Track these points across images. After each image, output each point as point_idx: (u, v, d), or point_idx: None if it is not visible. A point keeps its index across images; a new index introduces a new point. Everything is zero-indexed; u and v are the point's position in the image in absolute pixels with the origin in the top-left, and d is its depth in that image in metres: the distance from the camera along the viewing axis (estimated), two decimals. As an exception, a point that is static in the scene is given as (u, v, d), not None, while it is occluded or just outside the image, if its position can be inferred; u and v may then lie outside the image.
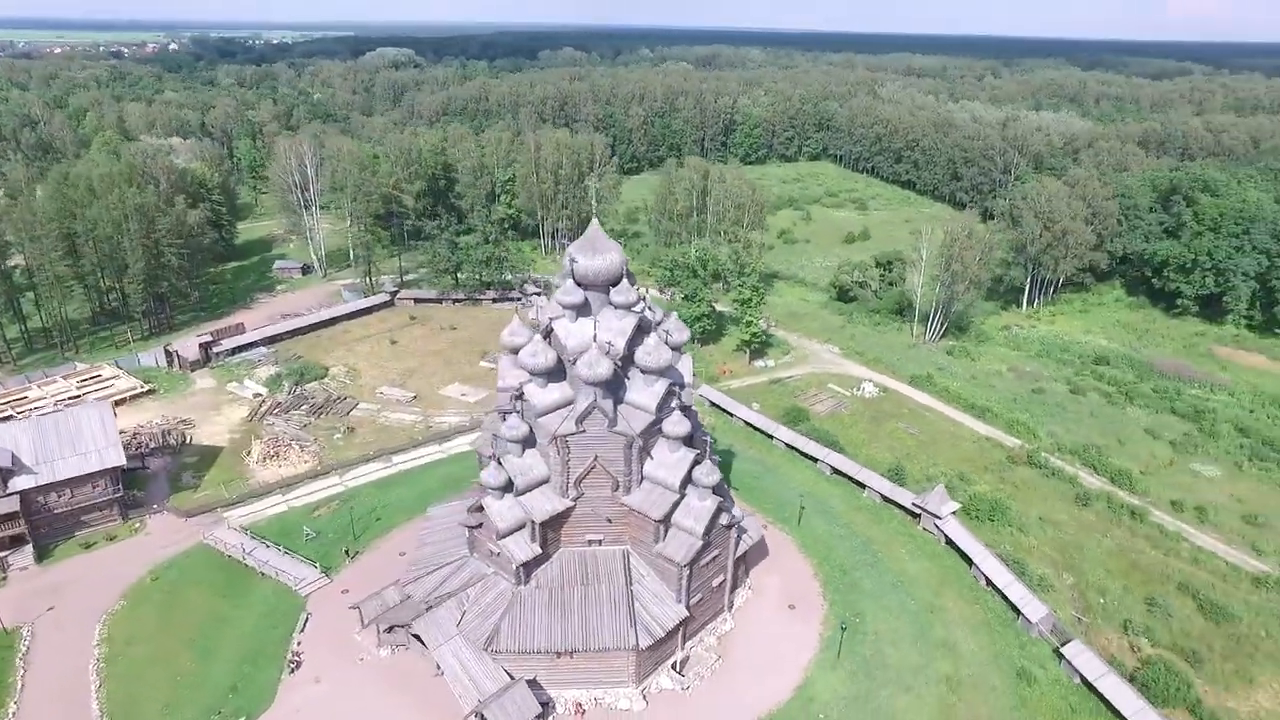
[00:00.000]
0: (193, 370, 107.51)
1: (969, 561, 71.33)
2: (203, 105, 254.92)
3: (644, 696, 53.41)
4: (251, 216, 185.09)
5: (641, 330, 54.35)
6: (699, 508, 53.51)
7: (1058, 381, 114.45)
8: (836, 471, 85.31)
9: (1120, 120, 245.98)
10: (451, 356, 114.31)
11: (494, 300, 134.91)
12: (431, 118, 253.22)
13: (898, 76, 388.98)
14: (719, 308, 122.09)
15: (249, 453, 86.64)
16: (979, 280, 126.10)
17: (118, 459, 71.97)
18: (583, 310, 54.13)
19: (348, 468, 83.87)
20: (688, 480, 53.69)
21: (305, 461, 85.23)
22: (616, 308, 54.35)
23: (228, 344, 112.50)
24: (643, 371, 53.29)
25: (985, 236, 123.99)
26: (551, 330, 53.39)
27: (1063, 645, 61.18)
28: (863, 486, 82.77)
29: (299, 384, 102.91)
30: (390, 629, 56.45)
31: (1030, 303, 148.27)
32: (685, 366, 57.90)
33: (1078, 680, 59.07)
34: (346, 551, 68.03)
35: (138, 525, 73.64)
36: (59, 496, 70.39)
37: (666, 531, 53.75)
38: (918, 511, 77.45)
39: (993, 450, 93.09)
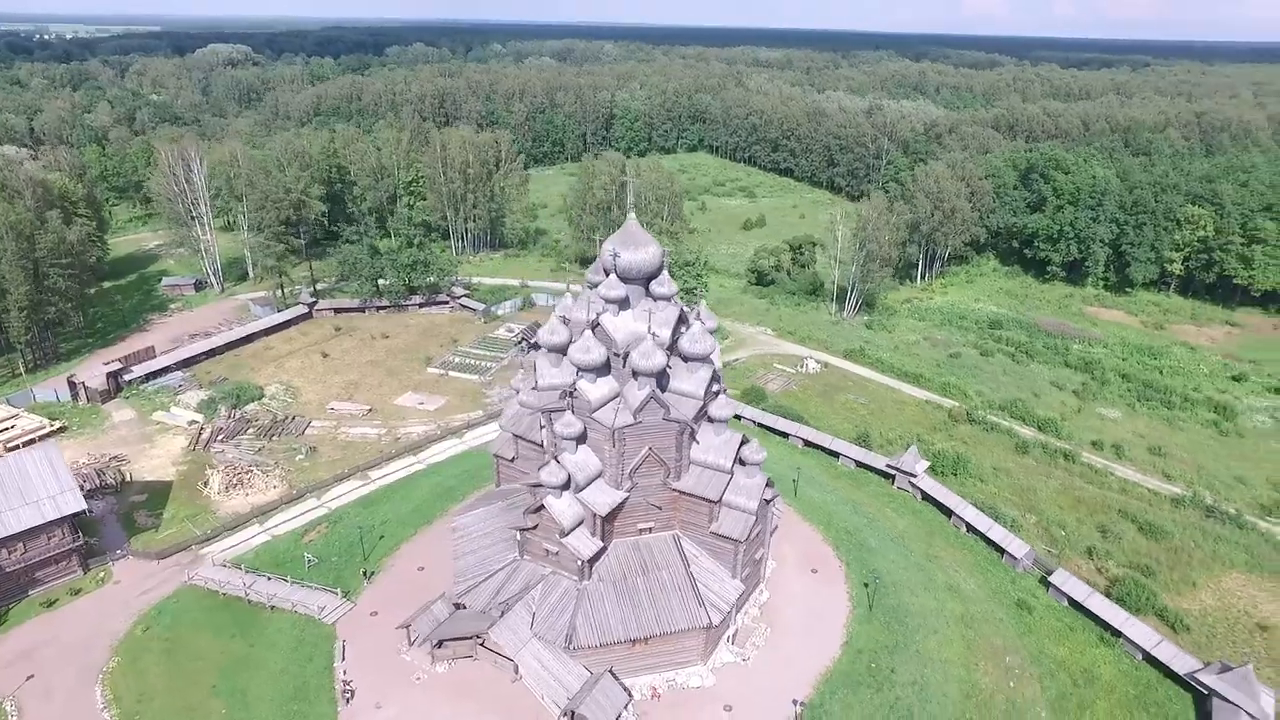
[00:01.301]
0: (103, 402, 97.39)
1: (947, 513, 78.19)
2: (27, 109, 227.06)
3: (712, 673, 55.27)
4: (110, 231, 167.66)
5: (682, 320, 55.81)
6: (750, 485, 55.86)
7: (967, 347, 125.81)
8: (809, 444, 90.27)
9: (969, 107, 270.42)
10: (393, 366, 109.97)
11: (420, 306, 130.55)
12: (301, 118, 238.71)
13: (748, 69, 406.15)
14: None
15: (206, 484, 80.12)
16: (890, 259, 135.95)
17: (76, 504, 64.90)
18: (623, 304, 54.83)
19: (323, 488, 79.52)
20: (737, 460, 55.85)
21: (274, 487, 79.96)
22: (657, 299, 55.52)
23: (139, 371, 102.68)
24: (686, 359, 54.82)
25: (892, 218, 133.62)
26: (598, 325, 53.73)
27: (1049, 575, 68.76)
28: (836, 455, 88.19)
29: (236, 407, 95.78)
30: (440, 644, 54.96)
31: (923, 277, 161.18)
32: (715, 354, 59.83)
33: (1065, 603, 66.65)
34: (364, 573, 64.99)
35: (103, 575, 66.72)
36: (9, 553, 62.63)
37: (719, 511, 55.70)
38: (891, 473, 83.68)
39: (935, 412, 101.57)
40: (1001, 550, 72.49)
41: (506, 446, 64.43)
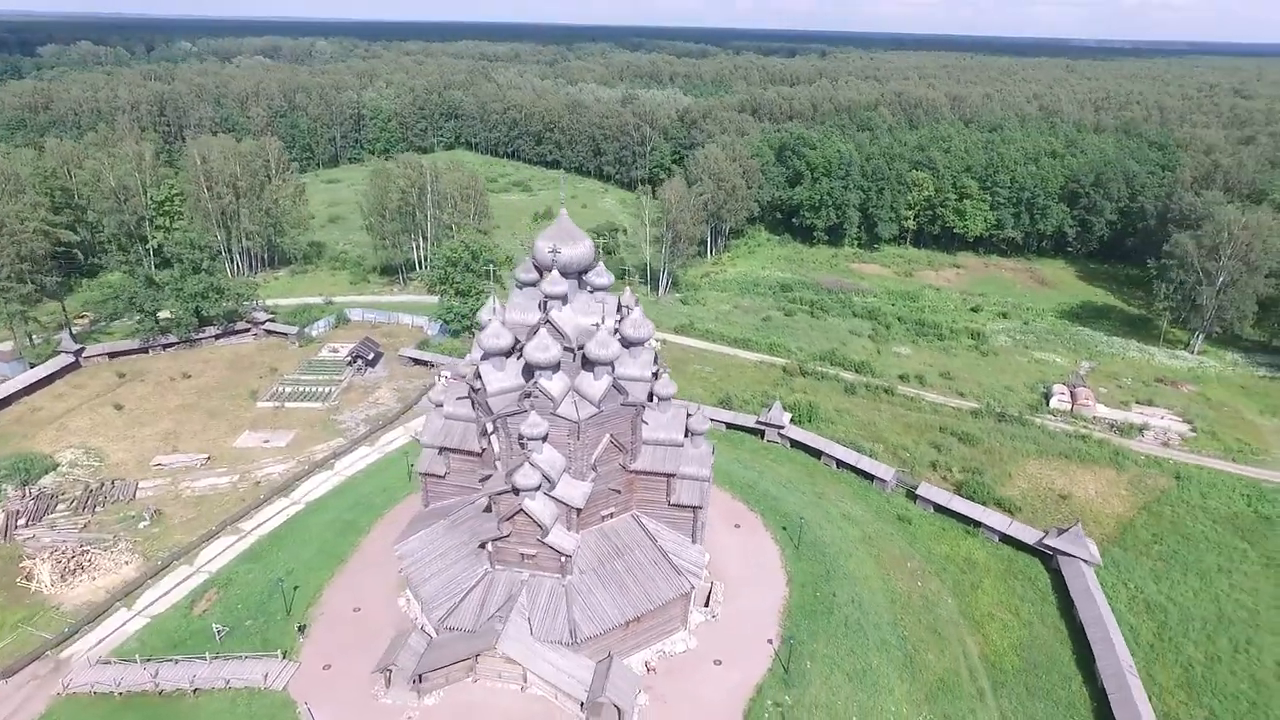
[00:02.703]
0: None
1: (816, 455, 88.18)
2: None
3: (692, 635, 58.48)
4: None
5: (621, 307, 57.58)
6: (700, 454, 59.46)
7: (772, 310, 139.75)
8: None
9: (707, 95, 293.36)
10: (212, 407, 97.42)
11: (217, 337, 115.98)
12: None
13: (492, 64, 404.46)
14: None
15: (30, 576, 66.33)
16: (694, 238, 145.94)
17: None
18: (564, 299, 55.33)
19: (191, 552, 69.64)
20: (686, 432, 59.16)
21: (126, 563, 68.45)
22: (595, 290, 56.69)
23: None
24: (629, 345, 56.72)
25: (691, 200, 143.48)
26: (548, 322, 53.71)
27: (914, 489, 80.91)
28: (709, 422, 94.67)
29: (28, 484, 79.53)
30: (420, 677, 52.18)
31: (712, 252, 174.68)
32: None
33: (932, 509, 79.05)
34: (298, 627, 58.66)
35: (-66, 716, 53.39)
36: None
37: (676, 484, 58.68)
38: (761, 429, 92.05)
39: (771, 370, 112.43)
40: (871, 477, 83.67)
41: (436, 464, 61.81)
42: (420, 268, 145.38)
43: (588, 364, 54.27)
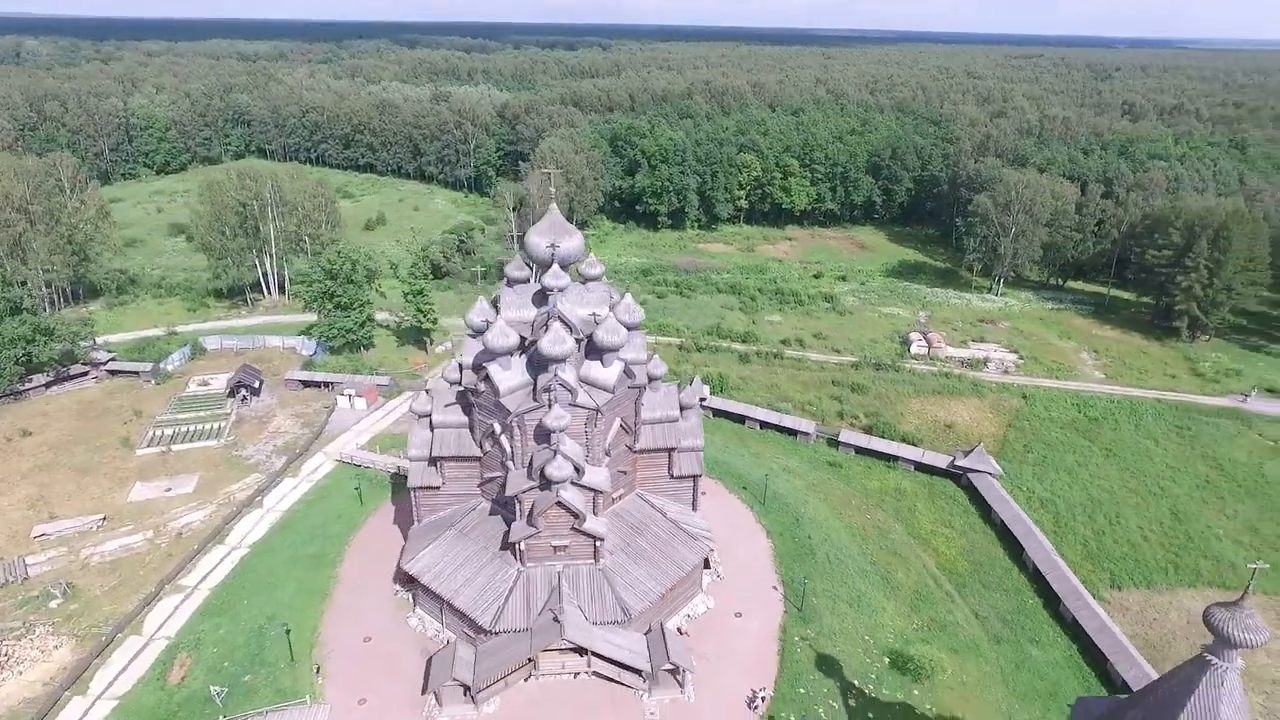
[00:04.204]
0: None
1: (739, 420, 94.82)
2: None
3: (709, 595, 62.18)
4: None
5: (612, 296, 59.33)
6: (693, 425, 62.86)
7: (644, 294, 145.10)
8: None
9: (515, 90, 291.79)
10: (78, 463, 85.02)
11: (48, 385, 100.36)
12: None
13: (273, 64, 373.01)
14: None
15: (-65, 687, 55.71)
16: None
17: None
18: (564, 291, 56.18)
19: (133, 620, 61.83)
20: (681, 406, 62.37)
21: (55, 647, 59.45)
22: (588, 280, 58.01)
23: None
24: (626, 330, 58.79)
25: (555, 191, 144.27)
26: (559, 316, 54.32)
27: (836, 437, 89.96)
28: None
29: None
30: (466, 688, 51.50)
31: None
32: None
33: (854, 452, 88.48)
34: (315, 669, 54.63)
35: None
36: None
37: (676, 457, 61.80)
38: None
39: (668, 349, 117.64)
40: (795, 432, 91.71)
41: (429, 476, 60.13)
42: (269, 287, 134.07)
43: (594, 352, 55.75)
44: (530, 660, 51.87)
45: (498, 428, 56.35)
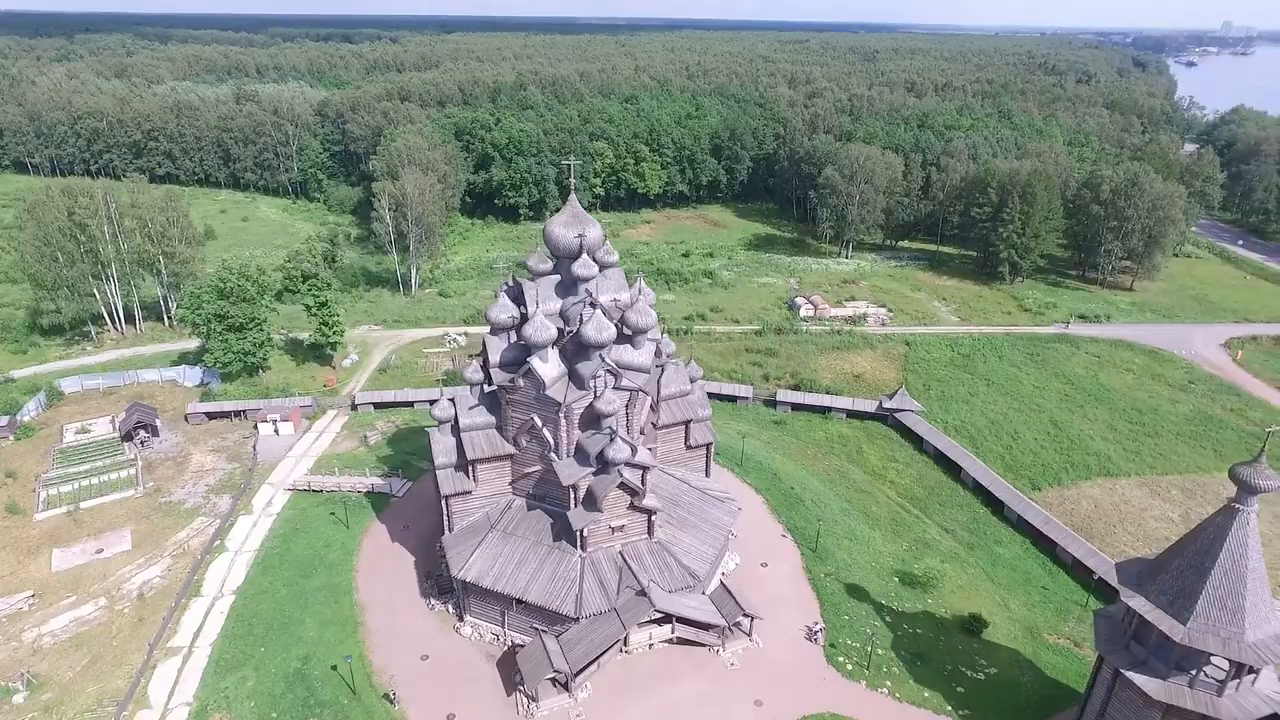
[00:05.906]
0: None
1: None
2: None
3: (734, 551, 66.51)
4: None
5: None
6: (700, 398, 66.26)
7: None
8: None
9: (323, 85, 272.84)
10: (-35, 539, 72.36)
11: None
12: None
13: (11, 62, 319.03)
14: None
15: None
16: (437, 228, 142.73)
17: None
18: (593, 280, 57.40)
19: (135, 695, 55.13)
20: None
21: (49, 742, 51.73)
22: (605, 268, 59.45)
23: None
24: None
25: (429, 190, 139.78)
26: (597, 304, 55.40)
27: (773, 398, 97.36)
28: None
29: None
30: (553, 679, 52.32)
31: (442, 239, 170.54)
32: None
33: (790, 410, 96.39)
34: (387, 697, 52.06)
35: None
36: None
37: (692, 428, 65.20)
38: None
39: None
40: (734, 398, 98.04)
41: (461, 481, 59.03)
42: (117, 318, 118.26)
43: (624, 335, 57.64)
44: (621, 639, 53.40)
45: (538, 421, 56.64)
